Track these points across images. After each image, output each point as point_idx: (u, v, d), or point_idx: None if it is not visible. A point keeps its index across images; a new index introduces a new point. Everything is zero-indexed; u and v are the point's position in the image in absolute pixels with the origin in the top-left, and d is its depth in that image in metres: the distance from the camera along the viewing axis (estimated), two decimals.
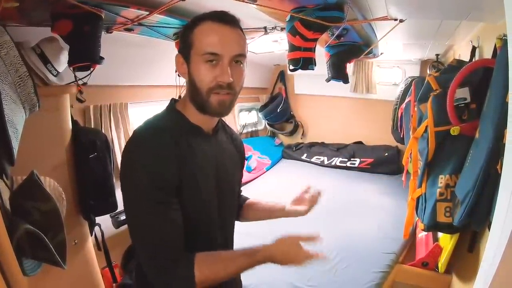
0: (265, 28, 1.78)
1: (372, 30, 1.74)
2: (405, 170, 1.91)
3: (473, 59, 1.53)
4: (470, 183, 0.99)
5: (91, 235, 1.56)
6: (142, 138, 0.80)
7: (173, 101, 0.91)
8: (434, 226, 1.25)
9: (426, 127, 1.31)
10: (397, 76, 3.12)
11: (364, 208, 2.27)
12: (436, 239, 1.54)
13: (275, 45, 2.30)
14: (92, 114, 1.97)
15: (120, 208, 1.54)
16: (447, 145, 1.25)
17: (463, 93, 1.20)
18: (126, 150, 0.81)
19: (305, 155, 3.53)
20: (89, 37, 1.28)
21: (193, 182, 0.82)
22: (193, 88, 0.81)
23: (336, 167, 3.26)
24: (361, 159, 3.19)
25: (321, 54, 1.88)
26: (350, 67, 2.98)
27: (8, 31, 0.78)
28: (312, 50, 1.50)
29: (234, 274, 0.82)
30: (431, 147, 1.28)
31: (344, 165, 3.23)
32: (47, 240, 0.72)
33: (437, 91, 1.32)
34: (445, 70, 1.65)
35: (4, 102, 0.71)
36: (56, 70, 1.35)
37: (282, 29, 1.75)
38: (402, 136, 2.36)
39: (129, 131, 2.14)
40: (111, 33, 1.53)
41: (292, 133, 3.91)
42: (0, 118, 0.67)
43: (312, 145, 3.66)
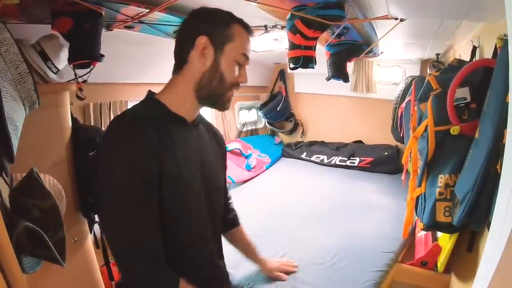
0: (265, 26, 1.77)
1: (372, 29, 1.74)
2: (405, 169, 1.91)
3: (474, 58, 1.53)
4: (469, 183, 0.99)
5: (91, 233, 1.55)
6: (121, 129, 0.77)
7: (151, 92, 0.89)
8: (433, 226, 1.25)
9: (426, 127, 1.31)
10: (397, 75, 3.12)
11: (363, 207, 2.27)
12: (435, 238, 1.54)
13: (275, 44, 2.30)
14: (92, 112, 1.97)
15: None
16: (447, 145, 1.25)
17: (463, 92, 1.20)
18: (104, 142, 0.79)
19: (305, 153, 3.52)
20: (89, 35, 1.27)
21: (176, 172, 0.81)
22: (215, 78, 0.83)
23: (336, 166, 3.26)
24: (361, 158, 3.18)
25: (321, 53, 1.88)
26: (350, 66, 2.97)
27: (8, 28, 0.78)
28: (313, 48, 1.50)
29: None
30: (431, 146, 1.28)
31: (344, 164, 3.23)
32: (46, 238, 0.72)
33: (437, 91, 1.32)
34: (446, 69, 1.64)
35: (4, 99, 0.71)
36: (56, 68, 1.35)
37: (282, 28, 1.74)
38: (402, 135, 2.36)
39: None
40: (111, 30, 1.53)
41: (292, 131, 3.91)
42: (0, 115, 0.67)
43: (312, 144, 3.66)
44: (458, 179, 1.17)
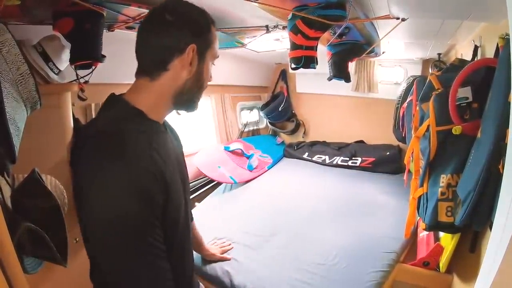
0: (266, 26, 1.77)
1: (374, 29, 1.74)
2: (407, 169, 1.91)
3: (475, 58, 1.52)
4: (471, 182, 0.99)
5: None
6: (117, 148, 0.64)
7: (121, 97, 0.77)
8: (435, 226, 1.25)
9: (428, 126, 1.31)
10: (399, 75, 3.11)
11: (365, 207, 2.26)
12: (437, 238, 1.54)
13: (276, 44, 2.29)
14: (93, 113, 1.97)
15: None
16: (449, 145, 1.24)
17: (465, 92, 1.19)
18: (95, 168, 0.63)
19: (307, 154, 3.52)
20: (91, 35, 1.27)
21: (175, 190, 0.75)
22: (196, 84, 0.79)
23: (338, 166, 3.25)
24: (363, 158, 3.18)
25: (322, 53, 1.87)
26: (351, 66, 2.96)
27: (9, 29, 0.78)
28: (314, 48, 1.50)
29: None
30: (433, 146, 1.27)
31: (346, 164, 3.22)
32: (48, 238, 0.72)
33: (439, 90, 1.32)
34: (447, 69, 1.64)
35: (6, 100, 0.71)
36: (58, 68, 1.35)
37: (284, 28, 1.74)
38: (403, 135, 2.35)
39: None
40: (112, 31, 1.53)
41: (294, 132, 3.91)
42: (2, 116, 0.68)
43: (314, 144, 3.65)
44: (460, 179, 1.16)
